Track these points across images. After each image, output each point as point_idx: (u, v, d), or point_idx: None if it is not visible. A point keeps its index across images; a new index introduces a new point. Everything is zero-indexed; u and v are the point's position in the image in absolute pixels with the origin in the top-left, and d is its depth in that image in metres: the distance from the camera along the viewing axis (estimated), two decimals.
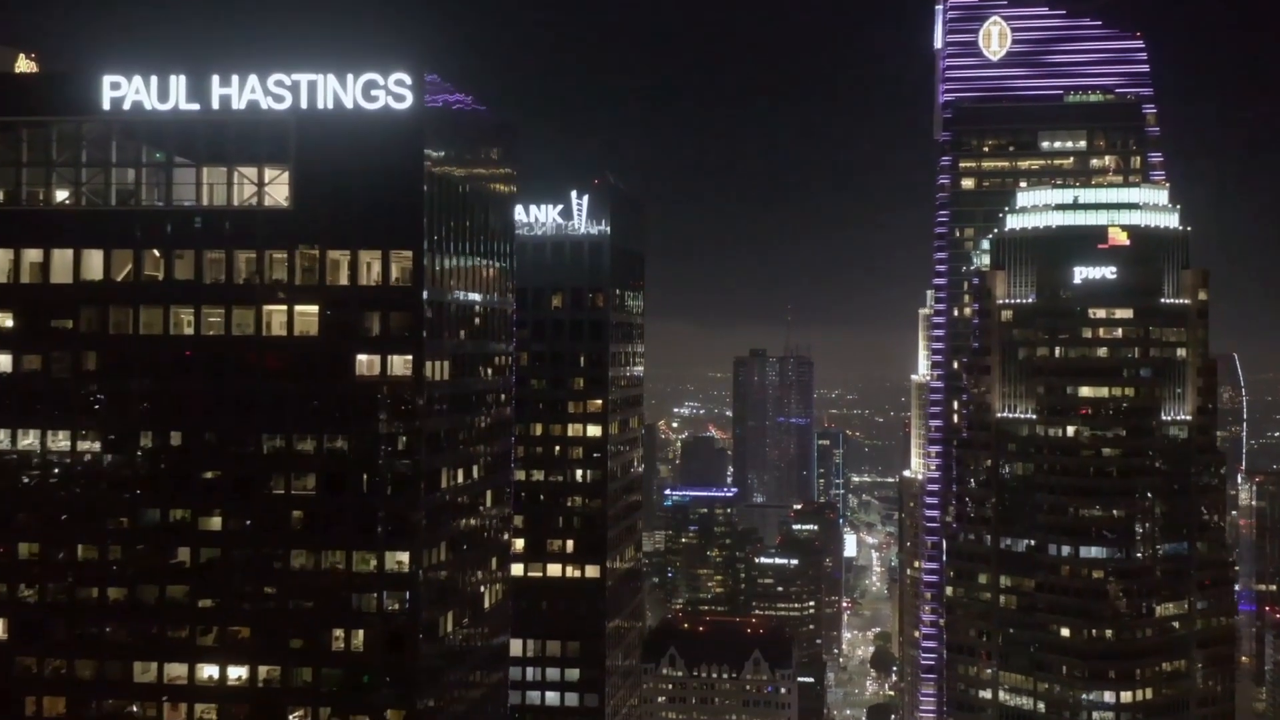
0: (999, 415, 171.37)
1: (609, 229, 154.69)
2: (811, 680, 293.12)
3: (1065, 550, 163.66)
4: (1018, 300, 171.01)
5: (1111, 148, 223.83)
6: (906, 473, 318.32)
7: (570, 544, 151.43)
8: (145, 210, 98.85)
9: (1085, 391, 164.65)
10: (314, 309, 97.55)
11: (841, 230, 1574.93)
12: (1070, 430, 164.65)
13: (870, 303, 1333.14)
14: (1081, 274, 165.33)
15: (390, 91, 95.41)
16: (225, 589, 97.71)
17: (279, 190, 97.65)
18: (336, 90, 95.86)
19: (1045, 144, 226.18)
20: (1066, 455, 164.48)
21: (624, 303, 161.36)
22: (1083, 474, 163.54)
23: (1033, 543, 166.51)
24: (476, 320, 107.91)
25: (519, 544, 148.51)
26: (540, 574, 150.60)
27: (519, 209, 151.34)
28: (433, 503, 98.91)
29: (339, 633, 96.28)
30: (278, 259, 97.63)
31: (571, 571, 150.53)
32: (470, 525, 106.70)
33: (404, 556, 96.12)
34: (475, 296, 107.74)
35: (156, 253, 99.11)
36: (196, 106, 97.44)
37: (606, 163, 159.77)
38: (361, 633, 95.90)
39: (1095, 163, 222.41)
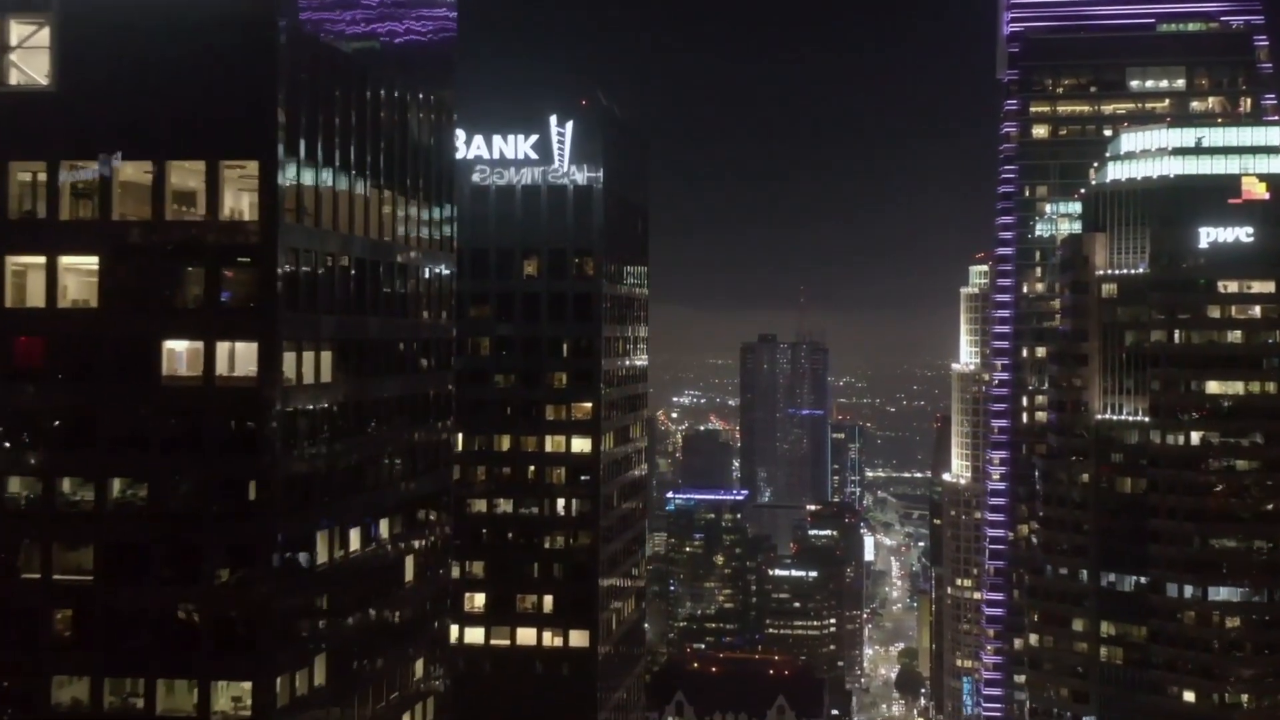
0: (1099, 417, 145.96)
1: (602, 170, 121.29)
2: (836, 714, 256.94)
3: (1188, 590, 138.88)
4: (1124, 271, 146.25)
5: (1216, 87, 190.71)
6: (946, 475, 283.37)
7: (549, 601, 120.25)
8: None
9: (1213, 387, 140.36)
10: (92, 262, 59.18)
11: (860, 199, 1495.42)
12: (1194, 437, 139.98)
13: (877, 284, 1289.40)
14: (1208, 236, 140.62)
15: None
16: None
17: (34, 60, 59.54)
18: None
19: (1134, 83, 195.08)
20: (1189, 468, 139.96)
21: (621, 271, 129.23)
22: (1210, 492, 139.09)
23: (1144, 580, 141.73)
24: (385, 286, 68.16)
25: (479, 600, 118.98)
26: (508, 642, 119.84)
27: (479, 141, 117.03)
28: (300, 592, 59.94)
29: None
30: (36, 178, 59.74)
31: (551, 639, 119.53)
32: (372, 620, 66.38)
33: (244, 687, 57.66)
34: (384, 248, 67.84)
35: None
36: None
37: (594, 84, 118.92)
38: None
39: (1196, 105, 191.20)
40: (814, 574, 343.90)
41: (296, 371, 59.17)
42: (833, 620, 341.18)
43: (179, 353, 58.65)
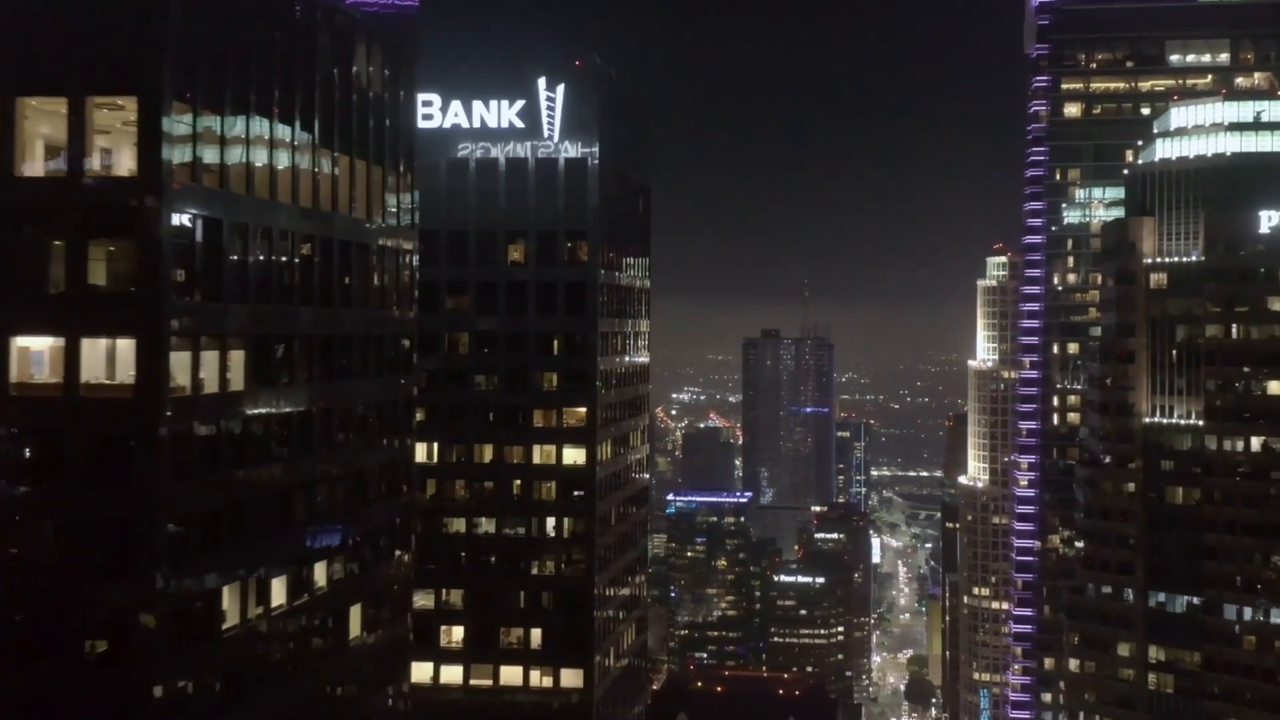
0: (1146, 420, 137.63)
1: (598, 142, 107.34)
2: None
3: (1247, 613, 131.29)
4: (1174, 259, 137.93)
5: (1263, 61, 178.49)
6: (962, 478, 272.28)
7: (538, 634, 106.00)
8: None
9: (1274, 387, 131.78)
10: None
11: (866, 190, 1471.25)
12: (1254, 442, 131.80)
13: (882, 278, 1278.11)
14: (1269, 220, 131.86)
15: None
16: None
17: None
18: None
19: (1174, 58, 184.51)
20: (1248, 477, 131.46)
21: (620, 257, 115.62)
22: (1272, 504, 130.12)
23: (1197, 600, 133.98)
24: (322, 269, 54.18)
25: (456, 634, 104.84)
26: (490, 681, 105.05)
27: (456, 107, 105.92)
28: (198, 666, 46.20)
29: None
30: None
31: (540, 678, 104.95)
32: (302, 695, 52.51)
33: None
34: (321, 219, 53.95)
35: None
36: None
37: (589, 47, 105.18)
38: None
39: (1241, 82, 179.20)
40: (820, 580, 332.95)
41: (192, 377, 45.29)
42: (840, 628, 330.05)
43: (35, 353, 44.96)
